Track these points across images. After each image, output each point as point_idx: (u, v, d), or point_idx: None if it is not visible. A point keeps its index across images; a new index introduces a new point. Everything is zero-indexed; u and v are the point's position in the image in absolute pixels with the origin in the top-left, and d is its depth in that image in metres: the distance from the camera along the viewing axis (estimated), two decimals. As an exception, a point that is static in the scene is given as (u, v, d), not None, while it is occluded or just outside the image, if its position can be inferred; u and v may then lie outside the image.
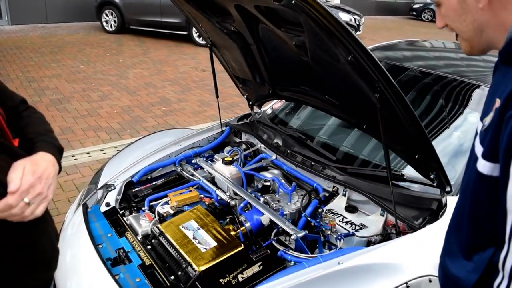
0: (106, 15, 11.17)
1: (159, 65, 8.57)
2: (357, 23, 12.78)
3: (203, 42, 10.46)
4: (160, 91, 6.96)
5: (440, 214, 1.90)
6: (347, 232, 1.93)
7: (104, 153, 4.73)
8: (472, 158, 1.04)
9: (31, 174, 1.11)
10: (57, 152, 1.30)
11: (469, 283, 1.08)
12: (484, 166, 0.97)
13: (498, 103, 0.92)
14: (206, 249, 1.84)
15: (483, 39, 1.02)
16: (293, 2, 1.47)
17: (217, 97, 2.81)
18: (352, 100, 1.97)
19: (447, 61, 3.39)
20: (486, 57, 3.31)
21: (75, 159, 4.58)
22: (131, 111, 6.03)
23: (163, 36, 11.16)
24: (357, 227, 1.97)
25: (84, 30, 11.65)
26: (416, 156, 1.86)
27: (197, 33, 10.41)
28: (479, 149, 0.99)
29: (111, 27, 11.27)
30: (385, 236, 1.94)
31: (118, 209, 2.25)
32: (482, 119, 1.01)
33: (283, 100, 3.12)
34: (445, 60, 3.44)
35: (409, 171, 2.12)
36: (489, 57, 3.25)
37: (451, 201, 1.90)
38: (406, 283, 1.58)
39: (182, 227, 1.98)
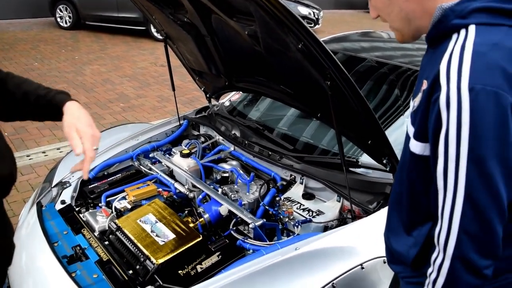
0: (61, 10, 10.82)
1: (117, 61, 8.39)
2: (316, 16, 12.91)
3: (161, 37, 10.31)
4: (118, 88, 6.83)
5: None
6: (304, 218, 1.96)
7: (60, 152, 4.60)
8: (406, 139, 1.08)
9: (86, 126, 1.28)
10: (69, 96, 1.41)
11: (409, 257, 1.14)
12: (416, 146, 1.02)
13: (425, 84, 0.97)
14: (164, 242, 1.83)
15: (412, 27, 1.07)
16: (242, -10, 1.48)
17: (174, 90, 2.79)
18: (305, 88, 1.99)
19: (403, 51, 3.48)
20: (420, 46, 3.43)
21: (30, 159, 4.44)
22: (88, 108, 5.88)
23: (121, 31, 10.91)
24: (314, 214, 2.00)
25: (37, 27, 11.25)
26: (369, 142, 1.91)
27: (156, 29, 10.26)
28: (410, 130, 1.04)
29: (66, 22, 10.93)
30: (341, 221, 1.99)
31: (74, 206, 2.20)
32: (413, 100, 1.06)
33: (241, 92, 3.13)
34: (401, 50, 3.53)
35: (365, 158, 2.17)
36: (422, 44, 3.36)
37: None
38: (361, 264, 1.63)
39: (140, 221, 1.96)
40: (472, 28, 0.92)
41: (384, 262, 1.69)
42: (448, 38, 0.95)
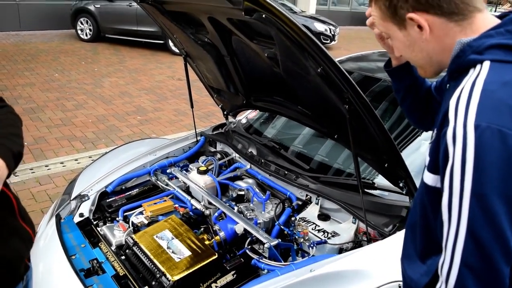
0: (81, 23, 11.07)
1: (135, 74, 8.52)
2: (332, 33, 12.98)
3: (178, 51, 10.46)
4: (136, 100, 6.93)
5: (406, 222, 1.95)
6: (319, 240, 1.97)
7: (78, 163, 4.67)
8: (424, 169, 1.10)
9: None
10: (11, 156, 1.27)
11: (420, 285, 1.14)
12: (428, 178, 1.04)
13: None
14: (180, 258, 1.85)
15: (434, 64, 1.10)
16: (263, 16, 1.51)
17: (192, 107, 2.83)
18: (323, 110, 2.01)
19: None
20: None
21: (48, 169, 4.51)
22: (106, 120, 5.98)
23: (139, 44, 11.11)
24: (329, 235, 2.01)
25: (58, 38, 11.50)
26: (386, 165, 1.92)
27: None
28: (426, 160, 1.05)
29: (86, 35, 11.17)
30: (357, 243, 1.98)
31: (92, 220, 2.24)
32: (433, 130, 1.07)
33: (257, 110, 3.17)
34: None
35: (380, 180, 2.18)
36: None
37: (420, 208, 1.96)
38: (376, 288, 1.63)
39: (157, 237, 1.99)
40: (486, 65, 0.93)
41: (399, 287, 1.69)
42: (466, 73, 0.97)
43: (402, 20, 1.05)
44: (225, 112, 2.98)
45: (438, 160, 0.97)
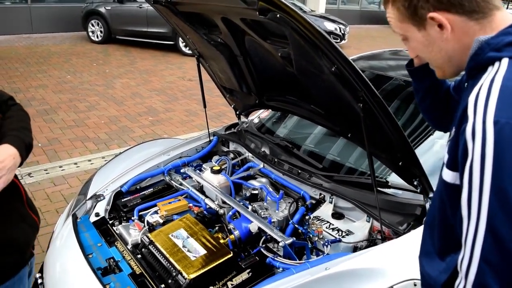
0: (92, 25, 11.18)
1: (146, 75, 8.59)
2: (342, 32, 12.95)
3: (190, 51, 10.50)
4: (147, 101, 6.98)
5: (424, 219, 1.95)
6: (333, 238, 1.97)
7: (91, 164, 4.73)
8: (442, 166, 1.10)
9: None
10: (24, 147, 1.38)
11: (439, 282, 1.14)
12: (447, 175, 1.04)
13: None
14: (195, 257, 1.86)
15: (453, 64, 1.10)
16: (278, 16, 1.52)
17: (205, 107, 2.85)
18: (337, 109, 2.02)
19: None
20: None
21: (62, 169, 4.57)
22: (118, 121, 6.03)
23: (149, 46, 11.19)
24: (344, 233, 2.01)
25: (70, 40, 11.62)
26: (400, 163, 1.92)
27: (184, 43, 10.46)
28: (445, 158, 1.05)
29: (97, 37, 11.28)
30: (371, 241, 1.99)
31: (108, 219, 2.26)
32: (451, 129, 1.08)
33: (270, 110, 3.18)
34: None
35: (393, 178, 2.18)
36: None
37: (434, 207, 1.96)
38: (391, 286, 1.63)
39: (172, 236, 2.00)
40: (505, 62, 0.94)
41: (415, 285, 1.69)
42: (484, 71, 0.97)
43: (422, 20, 1.05)
44: (237, 112, 3.00)
45: (457, 157, 0.97)
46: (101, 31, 11.15)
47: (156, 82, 8.16)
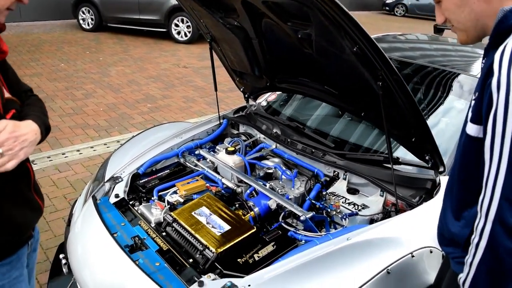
0: (83, 12, 11.06)
1: (140, 63, 8.57)
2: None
3: (182, 39, 10.48)
4: (144, 88, 6.99)
5: (435, 192, 2.05)
6: (351, 212, 2.07)
7: (94, 150, 4.76)
8: (463, 128, 1.21)
9: (9, 132, 1.26)
10: (44, 126, 1.45)
11: (463, 237, 1.26)
12: (472, 129, 1.16)
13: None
14: (220, 232, 1.94)
15: (479, 28, 1.21)
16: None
17: (216, 90, 2.91)
18: (352, 89, 2.10)
19: (422, 51, 3.57)
20: (459, 47, 3.51)
21: (65, 156, 4.60)
22: (117, 108, 6.05)
23: (142, 33, 11.12)
24: (360, 207, 2.11)
25: (60, 28, 11.50)
26: (413, 139, 2.01)
27: (176, 30, 10.43)
28: (469, 116, 1.17)
29: (88, 25, 11.17)
30: (386, 214, 2.09)
31: (127, 200, 2.33)
32: (474, 93, 1.19)
33: (277, 93, 3.25)
34: (419, 51, 3.61)
35: (399, 154, 2.27)
36: (462, 47, 3.46)
37: (444, 180, 2.06)
38: (411, 253, 1.73)
39: (195, 213, 2.08)
40: None
41: (431, 252, 1.80)
42: (507, 37, 1.08)
43: None
44: (246, 95, 3.06)
45: (481, 111, 1.09)
46: (92, 19, 11.04)
47: (152, 69, 8.16)
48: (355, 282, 1.59)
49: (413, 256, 1.73)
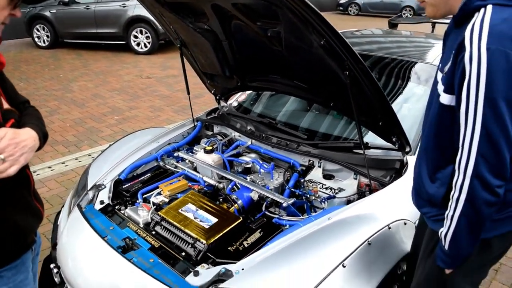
0: (38, 30, 10.86)
1: (102, 76, 8.51)
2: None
3: (142, 50, 10.45)
4: (109, 101, 6.97)
5: (403, 171, 2.23)
6: (328, 195, 2.21)
7: (66, 166, 4.74)
8: (434, 98, 1.40)
9: (9, 139, 1.32)
10: (41, 134, 1.51)
11: (439, 197, 1.44)
12: (445, 98, 1.36)
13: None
14: (209, 225, 2.04)
15: (448, 7, 1.39)
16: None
17: (188, 93, 3.00)
18: (321, 81, 2.24)
19: (378, 44, 3.78)
20: (412, 39, 3.75)
21: (37, 174, 4.55)
22: (84, 122, 6.02)
23: (100, 47, 11.01)
24: (336, 191, 2.25)
25: (15, 48, 11.24)
26: (380, 124, 2.17)
27: (135, 42, 10.39)
28: (440, 88, 1.35)
29: (44, 42, 10.97)
30: (361, 194, 2.24)
31: (113, 205, 2.38)
32: (441, 70, 1.36)
33: (246, 93, 3.37)
34: (376, 44, 3.82)
35: (368, 139, 2.44)
36: (415, 37, 3.69)
37: (411, 160, 2.23)
38: (388, 225, 1.89)
39: (181, 210, 2.16)
40: (489, 7, 1.24)
41: (405, 224, 1.97)
42: (471, 17, 1.26)
43: None
44: (217, 97, 3.17)
45: (453, 83, 1.27)
46: (47, 36, 10.85)
47: (114, 82, 8.12)
48: (340, 254, 1.72)
49: (389, 228, 1.88)
